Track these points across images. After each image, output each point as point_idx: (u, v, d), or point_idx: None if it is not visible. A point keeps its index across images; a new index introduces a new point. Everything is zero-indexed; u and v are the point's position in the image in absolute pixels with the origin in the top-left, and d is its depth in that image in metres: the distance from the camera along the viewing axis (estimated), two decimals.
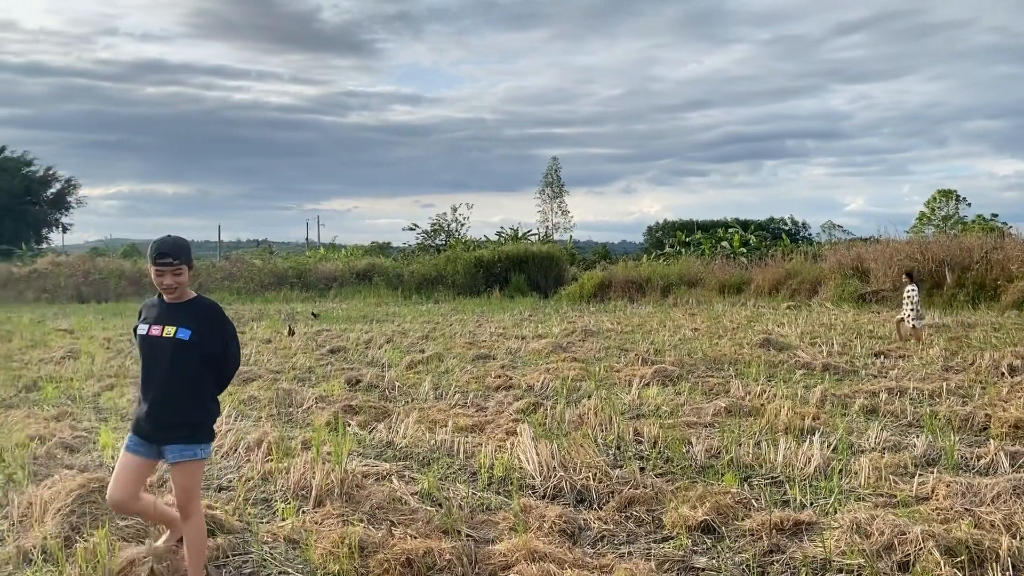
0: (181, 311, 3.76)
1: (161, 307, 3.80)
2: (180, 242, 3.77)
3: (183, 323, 3.71)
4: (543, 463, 5.62)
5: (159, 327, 3.71)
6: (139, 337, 3.78)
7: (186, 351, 3.69)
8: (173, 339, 3.68)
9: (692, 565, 4.15)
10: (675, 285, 26.98)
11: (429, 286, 31.71)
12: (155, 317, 3.77)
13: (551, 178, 60.26)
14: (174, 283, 3.72)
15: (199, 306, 3.83)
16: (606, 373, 10.28)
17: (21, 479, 5.63)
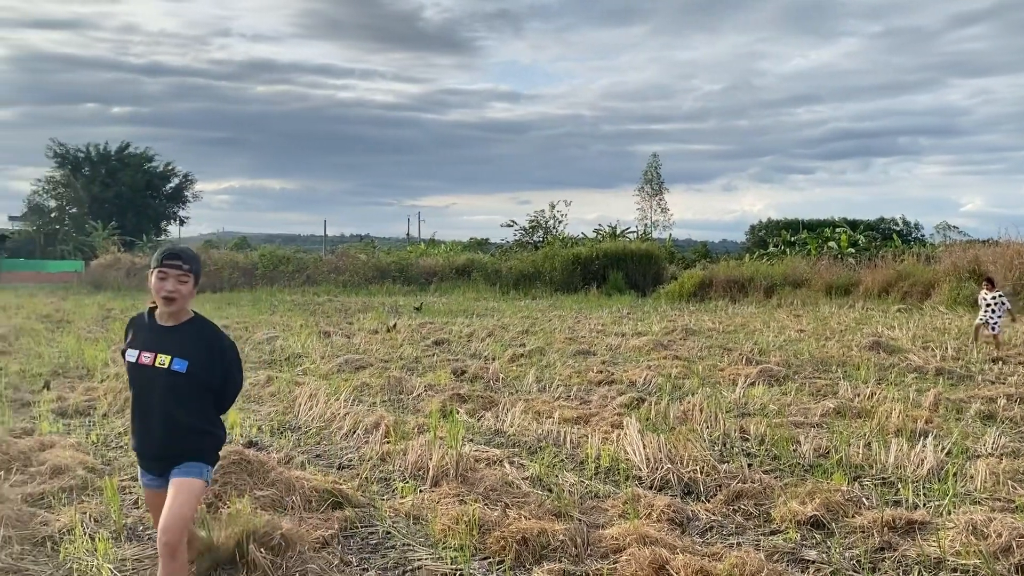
0: (176, 336, 3.34)
1: (153, 329, 3.37)
2: (192, 252, 3.45)
3: (178, 352, 3.31)
4: (650, 455, 5.74)
5: (151, 354, 3.31)
6: (128, 363, 3.40)
7: (183, 383, 3.31)
8: (168, 371, 3.29)
9: (802, 557, 4.20)
10: (779, 285, 26.44)
11: (527, 282, 32.02)
12: (146, 341, 3.35)
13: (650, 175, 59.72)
14: (176, 291, 3.28)
15: (196, 331, 3.39)
16: (709, 371, 10.28)
17: None
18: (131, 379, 3.40)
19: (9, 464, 5.58)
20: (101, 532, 4.42)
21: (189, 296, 3.34)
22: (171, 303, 3.31)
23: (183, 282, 3.31)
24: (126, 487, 5.38)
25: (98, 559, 4.05)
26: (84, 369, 10.37)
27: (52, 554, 4.22)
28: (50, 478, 5.37)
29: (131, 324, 3.49)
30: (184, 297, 3.32)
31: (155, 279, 3.31)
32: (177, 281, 3.29)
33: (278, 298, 27.16)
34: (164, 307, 3.33)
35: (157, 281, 3.30)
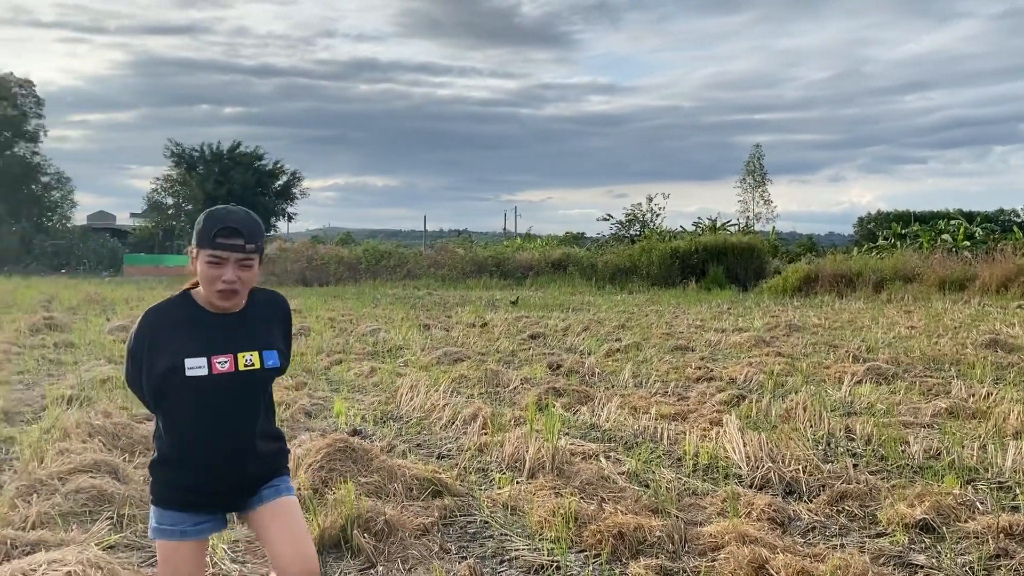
0: (249, 322, 2.50)
1: (208, 322, 2.44)
2: (254, 219, 2.45)
3: (263, 341, 2.49)
4: (750, 453, 5.64)
5: (227, 357, 2.41)
6: (190, 380, 2.37)
7: (272, 379, 2.53)
8: (260, 371, 2.45)
9: (910, 562, 4.06)
10: (889, 280, 25.40)
11: (623, 276, 31.79)
12: (208, 341, 2.41)
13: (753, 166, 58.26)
14: (237, 283, 2.37)
15: (266, 306, 2.60)
16: (814, 369, 9.99)
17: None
18: (191, 397, 2.39)
19: (133, 447, 5.94)
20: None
21: (253, 283, 2.46)
22: (232, 298, 2.40)
23: (246, 267, 2.37)
24: None
25: (212, 539, 4.28)
26: None
27: None
28: None
29: (155, 321, 2.44)
30: (248, 287, 2.43)
31: (205, 265, 2.34)
32: (239, 267, 2.35)
33: (380, 292, 27.85)
34: (221, 303, 2.41)
35: (208, 268, 2.33)
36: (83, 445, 5.64)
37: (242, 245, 2.33)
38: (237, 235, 2.33)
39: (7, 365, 10.08)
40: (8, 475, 5.41)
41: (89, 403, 7.61)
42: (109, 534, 4.28)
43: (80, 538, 4.12)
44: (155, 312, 2.47)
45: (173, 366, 2.36)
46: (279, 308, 2.65)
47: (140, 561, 4.05)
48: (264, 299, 2.59)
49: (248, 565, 4.07)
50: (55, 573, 3.31)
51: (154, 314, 2.46)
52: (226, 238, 2.32)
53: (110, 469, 5.13)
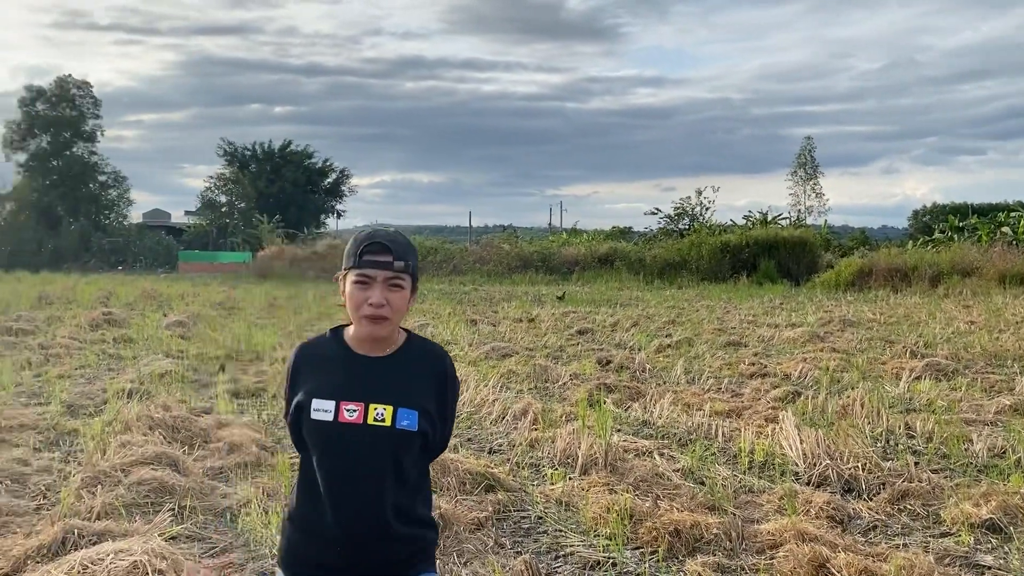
0: (392, 372, 2.11)
1: (350, 363, 2.12)
2: (405, 239, 2.16)
3: (402, 397, 2.08)
4: (807, 451, 5.54)
5: (357, 405, 2.05)
6: (312, 423, 2.07)
7: (409, 445, 2.09)
8: (390, 430, 2.05)
9: (977, 563, 3.96)
10: (946, 274, 24.76)
11: (672, 271, 31.49)
12: (343, 384, 2.09)
13: (804, 158, 57.22)
14: (385, 307, 2.04)
15: (419, 360, 2.17)
16: (870, 365, 9.79)
17: None
18: (315, 445, 2.07)
19: (192, 440, 6.06)
20: (274, 506, 4.73)
21: (404, 311, 2.10)
22: (380, 324, 2.05)
23: (396, 288, 2.06)
24: (294, 464, 5.72)
25: (271, 531, 4.34)
26: (254, 353, 11.09)
27: (231, 525, 4.55)
28: (227, 454, 5.79)
29: (301, 356, 2.17)
30: (398, 314, 2.08)
31: (351, 285, 2.06)
32: (387, 288, 2.05)
33: (427, 287, 28.02)
34: (368, 331, 2.07)
35: (355, 289, 2.05)
36: (144, 438, 5.78)
37: (390, 262, 2.04)
38: (385, 251, 2.05)
39: (69, 359, 10.37)
40: (73, 466, 5.57)
41: (148, 397, 7.79)
42: (171, 525, 4.37)
43: (143, 529, 4.22)
44: (301, 347, 2.23)
45: (300, 404, 2.10)
46: (435, 363, 2.17)
47: (201, 552, 4.13)
48: (421, 349, 2.19)
49: None
50: (122, 562, 3.39)
51: (299, 349, 2.22)
52: (373, 255, 2.05)
53: (170, 461, 5.25)
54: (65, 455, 5.97)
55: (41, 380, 8.93)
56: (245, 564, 4.03)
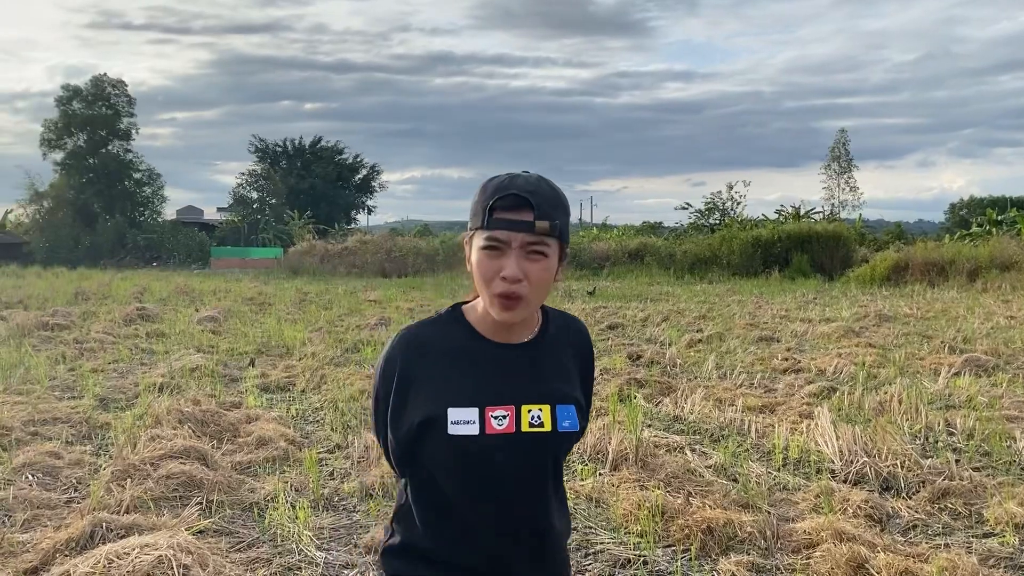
0: (543, 356, 1.69)
1: (486, 354, 1.64)
2: (550, 188, 1.60)
3: (558, 392, 1.66)
4: (844, 448, 5.41)
5: (507, 409, 1.60)
6: (453, 441, 1.57)
7: (569, 447, 1.72)
8: (551, 435, 1.62)
9: (1022, 565, 3.82)
10: (985, 268, 24.24)
11: (702, 266, 31.20)
12: (484, 383, 1.62)
13: (838, 152, 56.36)
14: (522, 285, 1.54)
15: (561, 332, 1.75)
16: (907, 360, 9.58)
17: (356, 426, 6.45)
18: (453, 467, 1.61)
19: (221, 434, 6.07)
20: (301, 501, 4.70)
21: (548, 287, 1.59)
22: (514, 306, 1.56)
23: (538, 256, 1.55)
24: (322, 459, 5.70)
25: (299, 526, 4.31)
26: (284, 348, 11.12)
27: (258, 519, 4.53)
28: (255, 448, 5.79)
29: (410, 350, 1.63)
30: (540, 290, 1.57)
31: (479, 252, 1.56)
32: (526, 256, 1.55)
33: (457, 283, 28.01)
34: (500, 313, 1.57)
35: (485, 258, 1.55)
36: (173, 432, 5.79)
37: (530, 222, 1.51)
38: (523, 207, 1.52)
39: (103, 354, 10.48)
40: (104, 459, 5.59)
41: (179, 391, 7.83)
42: (199, 519, 4.36)
43: (171, 523, 4.21)
44: (411, 334, 1.65)
45: (430, 417, 1.57)
46: (578, 339, 1.77)
47: (229, 547, 4.11)
48: (562, 326, 1.74)
49: (333, 552, 4.09)
50: (147, 556, 3.37)
51: (410, 338, 1.64)
52: (507, 211, 1.52)
53: (199, 455, 5.24)
54: (97, 448, 6.01)
55: (75, 374, 9.02)
56: (272, 559, 4.00)
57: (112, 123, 50.45)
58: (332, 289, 24.07)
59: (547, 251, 1.56)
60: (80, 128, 49.98)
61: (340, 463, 5.61)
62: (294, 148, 59.28)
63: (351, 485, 5.02)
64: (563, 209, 1.60)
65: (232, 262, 43.96)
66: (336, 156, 60.08)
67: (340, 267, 34.79)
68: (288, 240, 45.36)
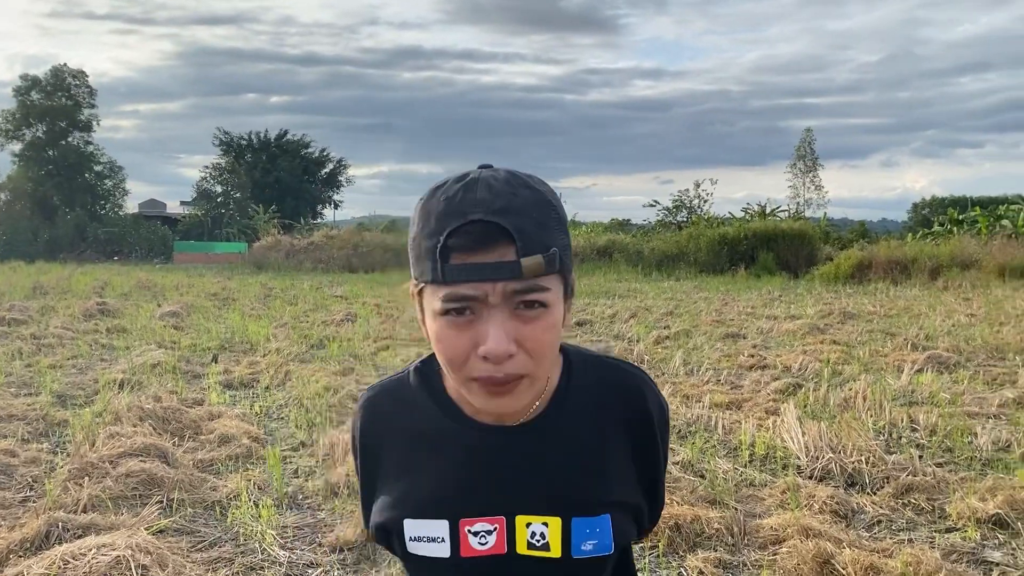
0: (550, 443, 1.10)
1: (468, 440, 1.10)
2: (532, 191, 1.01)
3: (578, 493, 1.09)
4: (809, 443, 5.44)
5: (493, 523, 1.08)
6: (415, 561, 1.11)
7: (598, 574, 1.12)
8: (562, 563, 1.07)
9: (985, 559, 3.86)
10: (946, 267, 24.67)
11: (670, 263, 31.39)
12: (461, 482, 1.10)
13: (803, 151, 57.06)
14: (516, 361, 0.98)
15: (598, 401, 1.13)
16: (871, 357, 9.69)
17: (321, 423, 6.36)
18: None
19: (182, 432, 5.95)
20: (265, 499, 4.62)
21: (555, 346, 1.06)
22: (511, 391, 1.01)
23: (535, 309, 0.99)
24: (286, 456, 5.62)
25: (262, 525, 4.23)
26: (248, 344, 10.97)
27: (220, 518, 4.45)
28: (218, 446, 5.68)
29: (373, 426, 1.18)
30: (543, 359, 1.02)
31: (437, 320, 1.01)
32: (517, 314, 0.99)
33: None
34: (487, 404, 1.04)
35: (447, 330, 1.00)
36: (134, 429, 5.66)
37: (512, 263, 0.97)
38: (496, 238, 0.97)
39: (61, 350, 10.25)
40: (61, 458, 5.46)
41: (140, 387, 7.68)
42: (159, 518, 4.26)
43: (130, 522, 4.11)
44: (369, 404, 1.20)
45: (382, 527, 1.14)
46: (626, 401, 1.15)
47: (189, 546, 4.02)
48: (587, 383, 1.15)
49: (297, 551, 4.02)
50: (104, 557, 3.28)
51: (367, 408, 1.20)
52: (470, 252, 0.97)
53: (160, 453, 5.13)
54: (54, 446, 5.87)
55: (32, 370, 8.82)
56: (234, 559, 3.92)
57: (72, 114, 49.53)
58: (298, 284, 23.84)
59: (547, 298, 1.00)
60: (39, 119, 49.02)
61: (305, 461, 5.53)
62: (259, 141, 58.63)
63: (316, 483, 4.95)
64: (556, 222, 1.03)
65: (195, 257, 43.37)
66: (302, 150, 59.55)
67: (306, 262, 34.48)
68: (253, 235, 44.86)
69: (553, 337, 1.03)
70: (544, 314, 1.00)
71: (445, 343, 1.00)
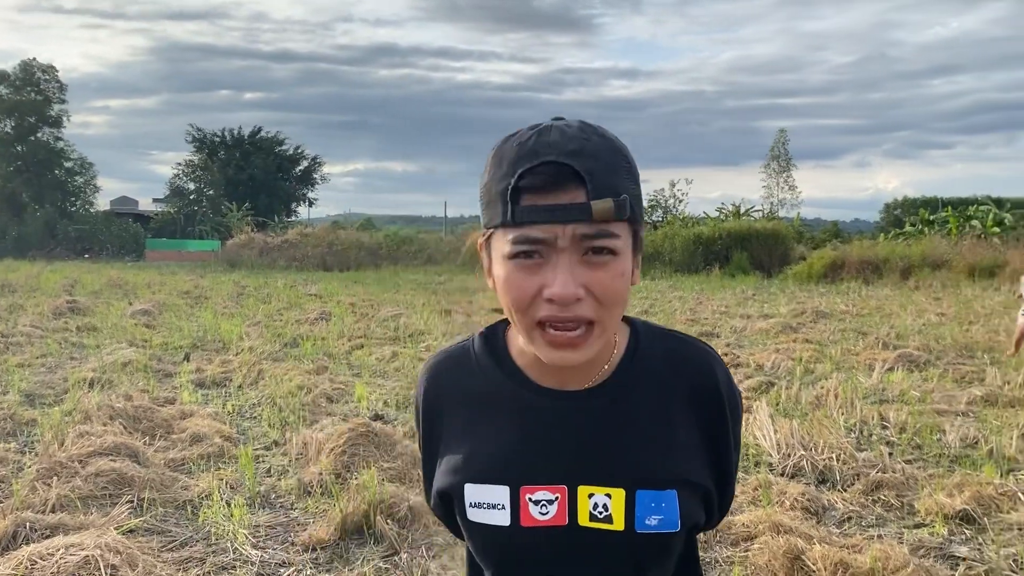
0: (616, 413, 1.07)
1: (531, 407, 1.08)
2: (607, 140, 1.01)
3: (644, 465, 1.05)
4: (781, 441, 5.49)
5: (554, 491, 1.05)
6: (475, 528, 1.08)
7: (664, 552, 1.07)
8: (626, 536, 1.03)
9: (951, 553, 3.92)
10: (917, 267, 25.01)
11: (645, 262, 31.50)
12: (522, 453, 1.06)
13: (777, 151, 57.54)
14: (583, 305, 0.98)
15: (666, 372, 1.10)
16: (843, 356, 9.80)
17: (295, 422, 6.32)
18: (486, 563, 1.12)
19: (153, 431, 5.89)
20: (236, 498, 4.59)
21: (625, 299, 1.03)
22: (576, 343, 0.99)
23: (605, 255, 0.99)
24: (259, 456, 5.58)
25: (233, 524, 4.20)
26: (220, 342, 10.88)
27: (192, 517, 4.41)
28: (189, 445, 5.63)
29: (437, 391, 1.16)
30: (613, 310, 1.02)
31: (505, 264, 0.99)
32: (585, 260, 0.98)
33: (401, 277, 27.81)
34: (551, 355, 1.00)
35: (516, 272, 0.98)
36: (104, 428, 5.59)
37: (583, 204, 0.96)
38: (568, 180, 0.97)
39: (30, 348, 10.10)
40: (29, 457, 5.38)
41: (111, 386, 7.59)
42: (129, 518, 4.21)
43: (100, 522, 4.06)
44: (433, 371, 1.18)
45: (443, 493, 1.12)
46: (694, 376, 1.12)
47: (160, 546, 3.98)
48: (657, 353, 1.12)
49: (269, 551, 4.00)
50: (73, 557, 3.24)
51: (431, 375, 1.18)
52: (542, 192, 0.97)
53: (130, 452, 5.08)
54: (22, 446, 5.78)
55: (0, 369, 8.68)
56: (205, 558, 3.89)
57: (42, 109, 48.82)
58: (271, 283, 23.67)
59: (616, 245, 0.99)
60: (8, 114, 48.27)
61: (278, 460, 5.50)
62: (233, 138, 58.07)
63: (289, 482, 4.92)
64: (627, 171, 1.02)
65: (168, 255, 42.91)
66: (276, 147, 59.05)
67: (280, 260, 34.24)
68: (226, 232, 44.44)
69: (621, 286, 1.01)
70: (613, 262, 0.99)
71: (512, 284, 0.99)
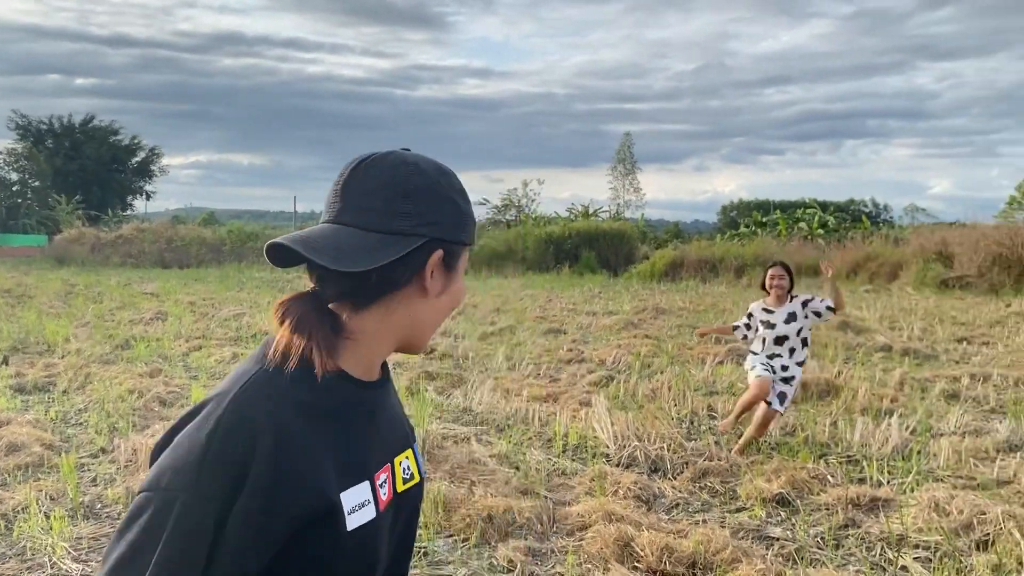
0: (392, 392, 1.24)
1: (366, 404, 1.12)
2: None
3: (410, 425, 1.29)
4: (618, 433, 5.73)
5: (386, 470, 1.15)
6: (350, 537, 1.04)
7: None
8: (420, 484, 1.25)
9: (767, 535, 4.21)
10: (750, 266, 26.60)
11: (499, 261, 31.91)
12: (367, 448, 1.12)
13: (623, 154, 59.76)
14: None
15: None
16: (679, 350, 10.30)
17: (124, 428, 6.00)
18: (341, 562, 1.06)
19: None
20: (57, 510, 4.31)
21: None
22: None
23: None
24: (84, 464, 5.27)
25: (52, 537, 3.95)
26: (45, 344, 10.16)
27: (5, 532, 4.11)
28: (5, 455, 5.24)
29: (279, 429, 0.99)
30: None
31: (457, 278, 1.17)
32: None
33: (246, 275, 26.83)
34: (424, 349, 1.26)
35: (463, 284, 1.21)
36: None
37: None
38: None
39: None
40: None
41: None
42: None
43: None
44: (273, 404, 1.01)
45: (323, 512, 1.02)
46: None
47: None
48: None
49: (92, 564, 3.78)
50: None
51: (272, 408, 1.01)
52: None
53: None
54: None
55: None
56: (19, 574, 3.64)
57: None
58: (104, 280, 22.29)
59: None
60: None
61: (104, 468, 5.20)
62: (62, 126, 54.21)
63: (116, 491, 4.67)
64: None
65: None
66: (111, 136, 55.59)
67: (114, 257, 32.28)
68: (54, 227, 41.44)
69: None
70: None
71: (462, 292, 1.21)
